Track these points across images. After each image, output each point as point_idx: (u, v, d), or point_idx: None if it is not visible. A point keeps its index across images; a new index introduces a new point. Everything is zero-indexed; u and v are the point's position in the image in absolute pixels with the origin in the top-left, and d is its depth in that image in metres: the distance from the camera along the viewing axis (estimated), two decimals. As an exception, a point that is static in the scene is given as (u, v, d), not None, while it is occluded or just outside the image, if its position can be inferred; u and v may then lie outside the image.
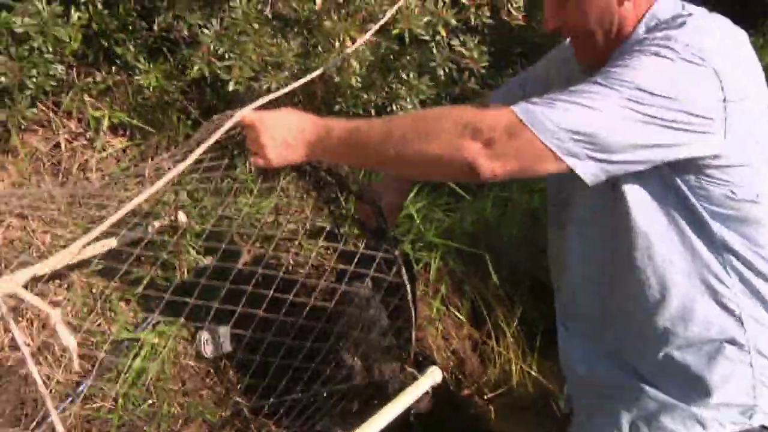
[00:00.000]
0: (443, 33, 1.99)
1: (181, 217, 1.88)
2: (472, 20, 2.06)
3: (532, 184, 2.68)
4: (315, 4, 1.73)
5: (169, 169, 1.24)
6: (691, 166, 1.11)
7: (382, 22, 1.51)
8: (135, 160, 2.29)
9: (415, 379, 1.45)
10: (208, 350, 1.72)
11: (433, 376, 1.48)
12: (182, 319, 1.61)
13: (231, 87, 1.85)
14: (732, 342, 1.17)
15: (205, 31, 1.87)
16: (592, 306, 1.33)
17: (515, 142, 1.03)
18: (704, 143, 1.08)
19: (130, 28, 2.20)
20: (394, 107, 2.33)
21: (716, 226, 1.15)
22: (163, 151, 2.29)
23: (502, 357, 2.34)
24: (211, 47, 1.84)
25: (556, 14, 1.22)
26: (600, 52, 1.21)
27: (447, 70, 2.14)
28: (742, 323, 1.17)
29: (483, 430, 2.19)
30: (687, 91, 1.04)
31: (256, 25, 1.83)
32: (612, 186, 1.14)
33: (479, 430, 2.19)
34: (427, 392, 1.45)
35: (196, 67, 1.86)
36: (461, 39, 2.12)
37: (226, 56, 1.85)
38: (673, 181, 1.13)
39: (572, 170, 1.04)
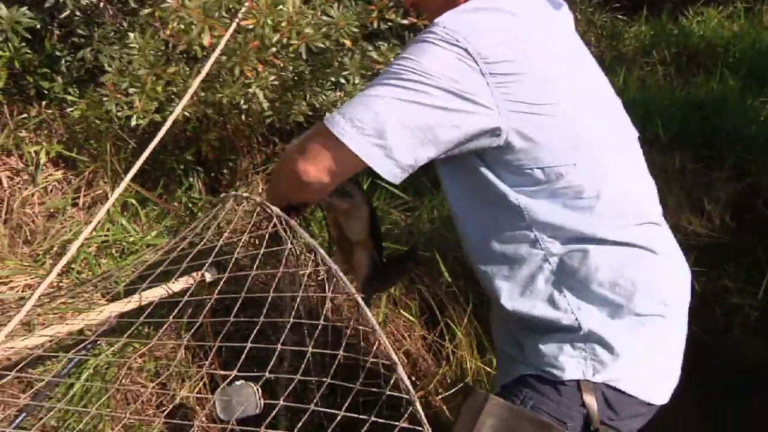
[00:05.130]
0: (348, 43, 1.97)
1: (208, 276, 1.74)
2: (375, 24, 2.03)
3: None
4: (204, 41, 1.73)
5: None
6: (485, 153, 1.15)
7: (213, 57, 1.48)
8: (78, 191, 2.33)
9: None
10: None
11: None
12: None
13: (133, 122, 1.86)
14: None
15: (108, 67, 1.88)
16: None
17: (318, 144, 1.13)
18: (477, 121, 1.10)
19: (57, 62, 2.24)
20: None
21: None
22: (101, 179, 2.33)
23: (456, 355, 2.31)
24: (115, 83, 1.85)
25: None
26: None
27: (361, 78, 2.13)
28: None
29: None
30: (441, 70, 1.08)
31: (151, 58, 1.84)
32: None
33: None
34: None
35: (106, 104, 1.87)
36: (376, 44, 2.10)
37: (129, 91, 1.86)
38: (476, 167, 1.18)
39: (369, 166, 1.10)
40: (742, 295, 2.77)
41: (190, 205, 2.56)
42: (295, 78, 2.34)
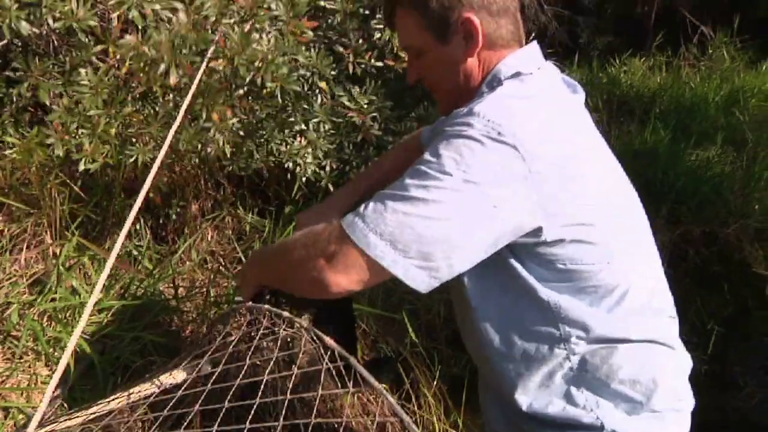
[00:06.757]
0: (323, 86, 1.87)
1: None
2: (351, 69, 1.95)
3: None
4: (170, 81, 1.58)
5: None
6: (517, 246, 1.07)
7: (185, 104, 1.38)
8: (14, 241, 2.10)
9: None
10: None
11: None
12: None
13: (81, 166, 1.68)
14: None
15: (54, 107, 1.69)
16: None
17: (349, 257, 1.01)
18: (522, 226, 1.03)
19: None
20: (290, 165, 2.23)
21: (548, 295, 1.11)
22: (44, 231, 2.11)
23: (424, 419, 2.23)
24: (63, 123, 1.66)
25: (413, 67, 1.22)
26: (452, 104, 1.17)
27: (332, 125, 2.03)
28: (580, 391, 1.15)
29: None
30: (487, 173, 0.99)
31: (105, 97, 1.67)
32: None
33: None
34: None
35: (50, 147, 1.68)
36: (346, 89, 2.01)
37: (78, 133, 1.68)
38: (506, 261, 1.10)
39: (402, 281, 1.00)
40: (688, 346, 2.83)
41: (135, 253, 2.38)
42: (257, 123, 2.23)
